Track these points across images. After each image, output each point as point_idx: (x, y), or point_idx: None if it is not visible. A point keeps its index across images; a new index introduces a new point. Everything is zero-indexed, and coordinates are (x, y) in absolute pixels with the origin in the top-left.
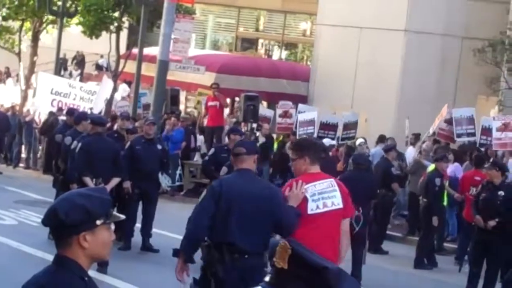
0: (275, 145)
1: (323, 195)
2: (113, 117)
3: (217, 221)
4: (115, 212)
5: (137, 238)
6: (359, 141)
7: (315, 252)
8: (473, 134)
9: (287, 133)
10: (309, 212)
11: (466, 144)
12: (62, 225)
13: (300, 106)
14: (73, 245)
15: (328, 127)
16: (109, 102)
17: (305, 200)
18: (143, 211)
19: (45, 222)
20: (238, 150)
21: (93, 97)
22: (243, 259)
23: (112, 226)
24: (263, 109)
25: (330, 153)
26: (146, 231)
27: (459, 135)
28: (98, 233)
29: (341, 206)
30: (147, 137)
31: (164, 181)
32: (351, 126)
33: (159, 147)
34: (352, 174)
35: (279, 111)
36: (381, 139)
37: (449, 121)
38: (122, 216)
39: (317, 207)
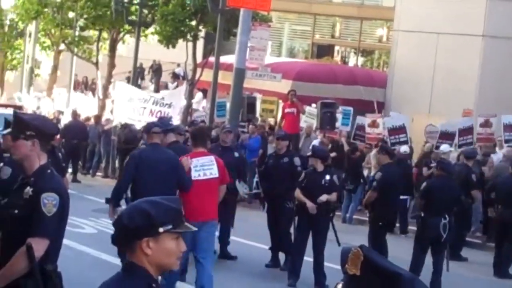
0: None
1: (204, 167)
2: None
3: (136, 180)
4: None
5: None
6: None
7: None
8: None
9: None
10: (193, 178)
11: None
12: (125, 229)
13: (392, 114)
14: (137, 251)
15: (447, 136)
16: (186, 110)
17: (190, 170)
18: (220, 219)
19: (113, 225)
20: (156, 129)
21: (163, 108)
22: None
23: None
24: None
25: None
26: (223, 239)
27: (507, 141)
28: (161, 241)
29: (217, 175)
30: (223, 145)
31: (242, 188)
32: (467, 131)
33: (236, 155)
34: (439, 182)
35: (367, 120)
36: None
37: (484, 125)
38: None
39: (199, 175)
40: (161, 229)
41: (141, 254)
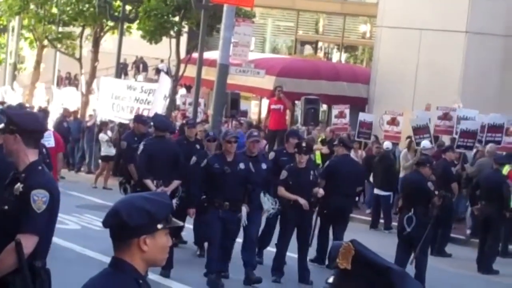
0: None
1: (45, 138)
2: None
3: None
4: (174, 219)
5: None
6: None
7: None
8: None
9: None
10: None
11: None
12: (124, 227)
13: (417, 112)
14: (132, 248)
15: (468, 135)
16: (170, 105)
17: None
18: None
19: (106, 223)
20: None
21: (150, 97)
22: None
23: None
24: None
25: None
26: (246, 261)
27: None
28: (157, 238)
29: (53, 145)
30: (250, 155)
31: (268, 203)
32: (496, 128)
33: (264, 166)
34: (408, 176)
35: (386, 117)
36: None
37: (443, 118)
38: (181, 223)
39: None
40: (159, 226)
41: (136, 251)
